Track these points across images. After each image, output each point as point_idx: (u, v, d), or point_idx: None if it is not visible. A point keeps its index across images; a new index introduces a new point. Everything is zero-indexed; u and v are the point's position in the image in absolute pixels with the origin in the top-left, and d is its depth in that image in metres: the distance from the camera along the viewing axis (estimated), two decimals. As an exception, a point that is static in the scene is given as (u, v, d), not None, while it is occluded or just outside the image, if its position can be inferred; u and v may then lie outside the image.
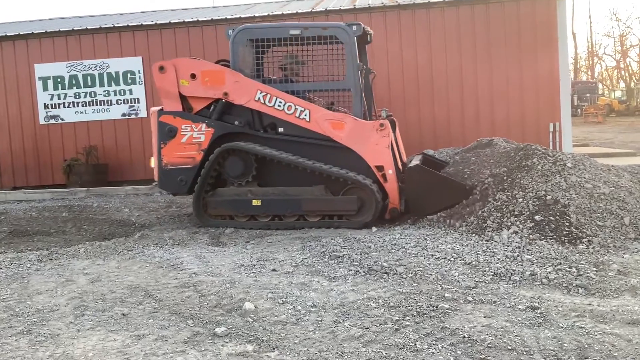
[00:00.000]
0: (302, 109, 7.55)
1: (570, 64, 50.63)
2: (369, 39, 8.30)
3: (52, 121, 13.41)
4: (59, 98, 13.34)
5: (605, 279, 4.81)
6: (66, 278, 5.41)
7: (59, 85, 13.33)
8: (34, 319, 4.33)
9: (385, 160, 7.43)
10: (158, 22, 13.28)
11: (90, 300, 4.71)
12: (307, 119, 7.56)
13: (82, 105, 13.32)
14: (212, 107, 7.85)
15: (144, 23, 13.33)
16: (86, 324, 4.21)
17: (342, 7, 12.94)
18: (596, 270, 4.99)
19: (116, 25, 13.39)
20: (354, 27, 7.58)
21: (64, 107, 13.35)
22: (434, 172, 7.49)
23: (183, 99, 7.87)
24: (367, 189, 7.30)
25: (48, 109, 13.38)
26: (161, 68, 7.83)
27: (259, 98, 7.63)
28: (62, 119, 13.39)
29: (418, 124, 12.66)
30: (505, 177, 6.85)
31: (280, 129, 7.71)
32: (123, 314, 4.36)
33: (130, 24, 13.36)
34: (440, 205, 7.15)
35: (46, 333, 4.06)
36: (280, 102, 7.59)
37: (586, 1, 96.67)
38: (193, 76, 7.78)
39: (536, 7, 12.37)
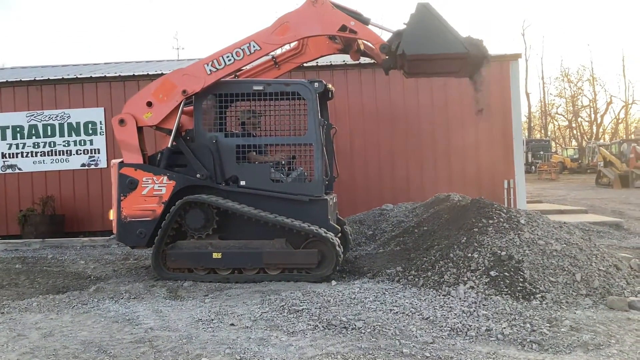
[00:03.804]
0: (248, 44, 7.66)
1: (524, 122, 52.41)
2: (330, 96, 8.52)
3: (9, 171, 13.19)
4: (17, 147, 13.18)
5: (558, 334, 4.92)
6: (18, 332, 5.26)
7: (18, 134, 13.18)
8: (-18, 376, 4.20)
9: (340, 18, 7.59)
10: (122, 74, 13.35)
11: (42, 356, 4.59)
12: (259, 47, 7.66)
13: (41, 155, 13.17)
14: (158, 156, 7.90)
15: (107, 75, 13.37)
16: (37, 381, 4.10)
17: (305, 64, 13.22)
18: (549, 326, 5.11)
19: (79, 76, 13.41)
20: (316, 84, 7.76)
21: (22, 156, 13.18)
22: (439, 18, 7.44)
23: (159, 130, 7.95)
24: (328, 242, 7.35)
25: (5, 158, 13.18)
26: (121, 121, 7.87)
27: (210, 70, 7.69)
28: (19, 169, 13.19)
29: (378, 178, 12.91)
30: (461, 233, 7.01)
31: (242, 182, 7.74)
32: (76, 371, 4.26)
33: (93, 75, 13.39)
34: (434, 50, 7.26)
35: (-5, 391, 3.94)
36: (228, 56, 7.68)
37: (539, 63, 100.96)
38: (149, 104, 7.85)
39: (491, 69, 12.84)
